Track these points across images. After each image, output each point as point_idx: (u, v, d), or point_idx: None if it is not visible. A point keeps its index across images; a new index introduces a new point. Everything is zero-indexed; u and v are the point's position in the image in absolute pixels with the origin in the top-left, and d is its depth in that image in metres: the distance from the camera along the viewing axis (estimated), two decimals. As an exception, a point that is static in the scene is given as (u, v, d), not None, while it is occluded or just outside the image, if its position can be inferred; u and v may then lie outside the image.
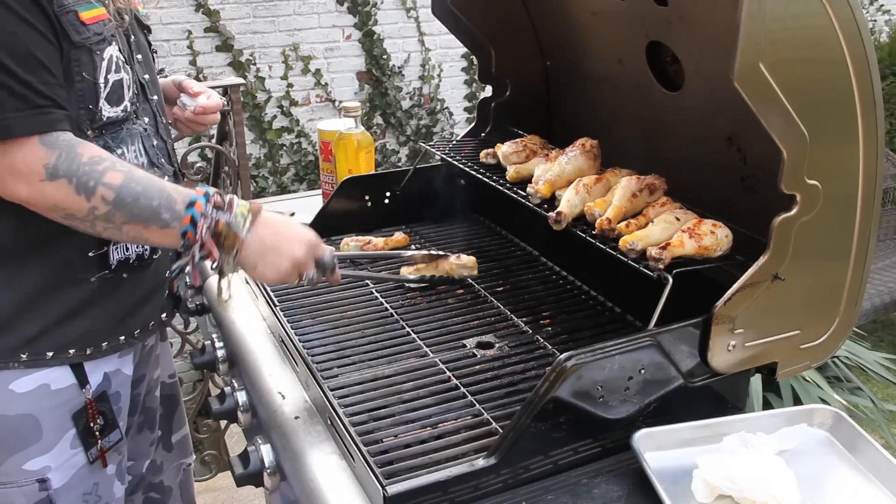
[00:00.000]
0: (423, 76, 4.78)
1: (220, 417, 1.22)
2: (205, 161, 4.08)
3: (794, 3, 0.89)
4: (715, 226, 1.08)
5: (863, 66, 0.95)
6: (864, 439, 1.00)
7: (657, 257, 1.02)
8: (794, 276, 1.01)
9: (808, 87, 0.93)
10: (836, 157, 0.99)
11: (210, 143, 3.27)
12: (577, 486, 0.96)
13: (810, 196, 0.97)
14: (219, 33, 4.17)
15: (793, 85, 0.91)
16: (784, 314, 1.05)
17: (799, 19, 0.90)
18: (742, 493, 0.92)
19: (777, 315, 1.04)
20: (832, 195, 0.99)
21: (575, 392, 0.94)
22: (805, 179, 0.96)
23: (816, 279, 1.06)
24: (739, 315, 1.00)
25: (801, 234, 0.99)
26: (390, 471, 0.93)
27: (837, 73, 0.94)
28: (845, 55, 0.93)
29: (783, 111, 0.91)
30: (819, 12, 0.90)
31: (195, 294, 1.59)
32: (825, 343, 1.11)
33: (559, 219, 1.17)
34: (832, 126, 0.97)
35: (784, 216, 0.97)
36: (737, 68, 0.87)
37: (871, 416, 2.55)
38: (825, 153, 0.96)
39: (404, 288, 1.40)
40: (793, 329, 1.07)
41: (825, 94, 0.96)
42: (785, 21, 0.88)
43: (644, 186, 1.19)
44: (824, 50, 0.93)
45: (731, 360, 1.03)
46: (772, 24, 0.87)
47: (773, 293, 1.01)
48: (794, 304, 1.04)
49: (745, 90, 0.88)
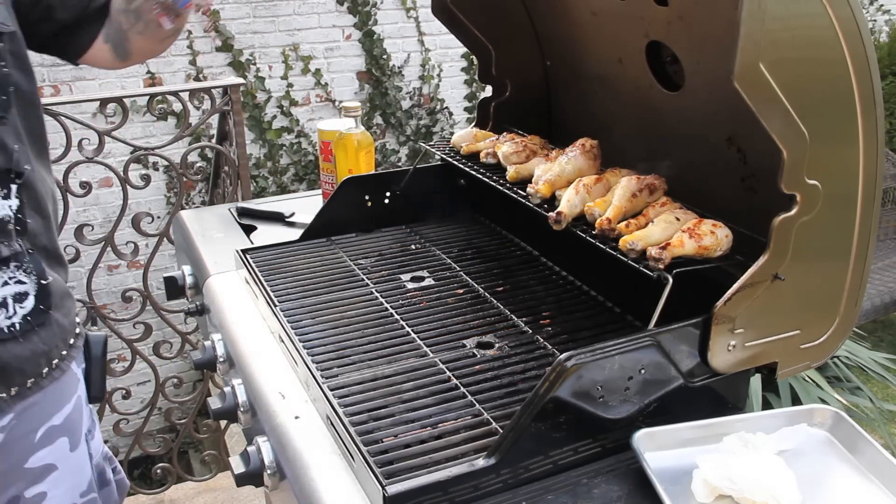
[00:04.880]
0: (423, 76, 4.78)
1: (220, 417, 1.22)
2: (205, 161, 4.09)
3: (794, 3, 0.89)
4: (715, 226, 1.08)
5: (863, 66, 0.95)
6: (864, 439, 1.00)
7: (657, 257, 1.02)
8: (793, 276, 1.01)
9: (808, 86, 0.93)
10: (836, 156, 0.99)
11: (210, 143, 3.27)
12: (577, 486, 0.97)
13: (810, 196, 0.97)
14: (219, 33, 4.17)
15: (793, 84, 0.91)
16: (784, 314, 1.05)
17: (799, 19, 0.90)
18: (742, 493, 0.92)
19: (777, 315, 1.04)
20: (832, 195, 0.99)
21: (575, 392, 0.94)
22: (805, 179, 0.96)
23: (816, 279, 1.05)
24: (739, 315, 1.00)
25: (801, 234, 0.98)
26: (390, 471, 0.93)
27: (837, 72, 0.94)
28: (845, 54, 0.93)
29: (783, 111, 0.91)
30: (819, 12, 0.90)
31: (195, 294, 1.59)
32: (825, 343, 1.11)
33: (559, 219, 1.17)
34: (832, 126, 0.97)
35: (784, 216, 0.96)
36: (737, 68, 0.86)
37: (871, 415, 2.55)
38: (825, 153, 0.96)
39: (404, 288, 1.40)
40: (793, 329, 1.07)
41: (825, 94, 0.95)
42: (785, 21, 0.88)
43: (644, 186, 1.20)
44: (824, 49, 0.93)
45: (731, 360, 1.03)
46: (772, 23, 0.87)
47: (773, 293, 1.01)
48: (793, 305, 1.04)
49: (745, 90, 0.88)
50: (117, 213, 2.72)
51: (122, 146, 2.93)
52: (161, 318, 2.96)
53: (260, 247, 1.54)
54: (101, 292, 4.17)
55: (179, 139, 2.80)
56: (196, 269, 1.60)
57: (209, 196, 3.55)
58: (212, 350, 1.34)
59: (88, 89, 3.93)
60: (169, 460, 3.05)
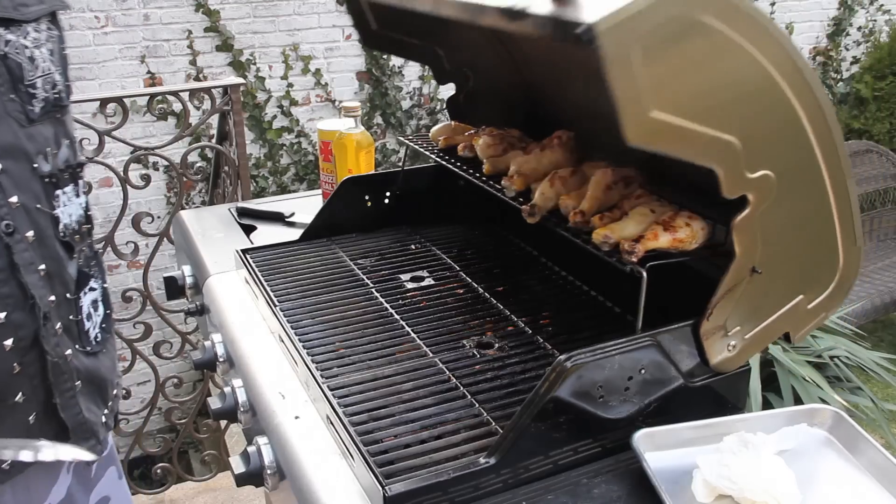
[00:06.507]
0: (423, 76, 4.77)
1: (220, 417, 1.22)
2: (205, 161, 4.09)
3: (661, 29, 0.77)
4: (690, 218, 1.05)
5: (764, 38, 0.84)
6: (864, 439, 1.00)
7: (629, 250, 0.99)
8: (775, 259, 0.96)
9: (718, 95, 0.84)
10: (777, 136, 0.91)
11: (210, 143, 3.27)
12: (577, 486, 0.97)
13: (762, 187, 0.90)
14: (219, 33, 4.17)
15: (699, 105, 0.82)
16: (778, 292, 1.01)
17: (674, 43, 0.78)
18: (742, 493, 0.92)
19: (771, 296, 1.00)
20: (787, 170, 0.92)
21: (575, 392, 0.94)
22: (750, 176, 0.89)
23: (802, 245, 0.99)
24: (729, 318, 0.98)
25: (768, 222, 0.93)
26: (390, 471, 0.93)
27: (741, 64, 0.84)
28: (743, 44, 0.83)
29: (699, 136, 0.83)
30: (692, 20, 0.78)
31: (195, 294, 1.59)
32: (835, 291, 1.04)
33: (533, 211, 1.16)
34: (761, 114, 0.89)
35: (740, 217, 0.91)
36: (627, 132, 0.77)
37: (872, 415, 2.55)
38: (764, 140, 0.89)
39: (404, 288, 1.40)
40: (794, 297, 1.02)
41: (738, 91, 0.86)
42: (658, 55, 0.78)
43: (619, 179, 1.16)
44: (718, 55, 0.82)
45: (735, 358, 1.02)
46: (644, 69, 0.77)
47: (759, 283, 0.97)
48: (786, 278, 1.00)
49: (648, 145, 0.79)
50: (117, 213, 2.72)
51: (122, 146, 2.93)
52: (161, 318, 2.96)
53: (260, 247, 1.54)
54: (101, 292, 4.17)
55: (179, 139, 2.80)
56: (196, 269, 1.60)
57: (209, 196, 3.55)
58: (212, 350, 1.33)
59: (88, 89, 3.93)
60: (169, 460, 3.05)
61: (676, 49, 0.79)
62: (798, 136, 0.92)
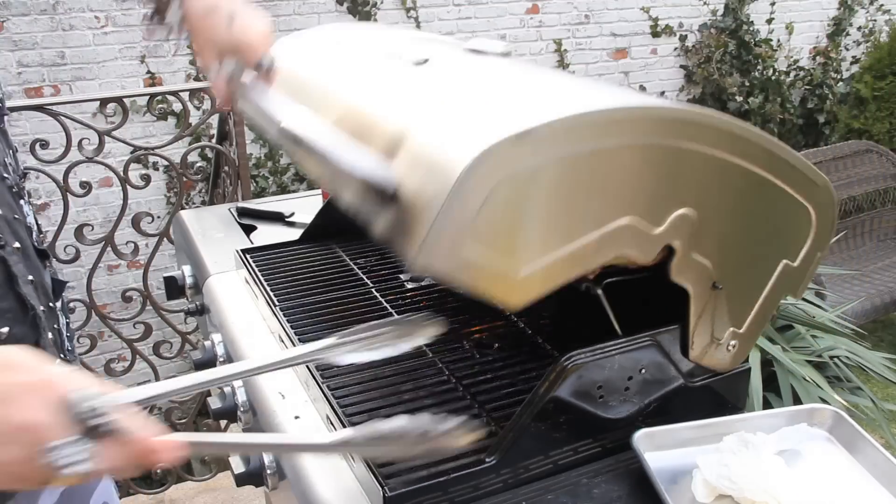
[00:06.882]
0: (423, 76, 4.77)
1: (220, 417, 1.22)
2: (205, 161, 4.08)
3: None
4: None
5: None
6: (864, 439, 1.00)
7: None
8: (734, 263, 0.94)
9: (569, 206, 0.78)
10: (663, 177, 0.83)
11: (210, 143, 3.27)
12: (577, 486, 0.97)
13: (681, 227, 0.85)
14: (219, 33, 4.17)
15: (558, 228, 0.79)
16: (754, 283, 0.99)
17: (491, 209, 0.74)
18: (742, 493, 0.92)
19: (749, 291, 0.99)
20: (697, 191, 0.86)
21: (575, 392, 0.94)
22: (659, 231, 0.85)
23: (757, 233, 0.95)
24: (715, 330, 0.98)
25: (704, 244, 0.90)
26: (390, 471, 0.93)
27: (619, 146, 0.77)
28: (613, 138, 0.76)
29: (584, 249, 0.81)
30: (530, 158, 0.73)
31: (195, 294, 1.59)
32: (819, 233, 0.98)
33: None
34: (625, 177, 0.81)
35: (673, 263, 0.89)
36: (510, 307, 0.80)
37: (872, 415, 2.55)
38: (652, 191, 0.82)
39: (404, 288, 1.40)
40: (776, 267, 0.98)
41: (587, 187, 0.79)
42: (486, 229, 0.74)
43: None
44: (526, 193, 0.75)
45: (739, 353, 1.02)
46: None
47: (729, 290, 0.95)
48: (757, 265, 0.98)
49: (546, 291, 0.80)
50: (117, 213, 2.72)
51: (122, 146, 2.93)
52: (161, 318, 2.96)
53: (260, 247, 1.54)
54: (101, 292, 4.16)
55: (179, 139, 2.80)
56: (196, 269, 1.60)
57: (209, 196, 3.55)
58: (212, 350, 1.34)
59: (88, 89, 3.93)
60: (169, 460, 3.04)
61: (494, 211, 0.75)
62: (681, 157, 0.83)
